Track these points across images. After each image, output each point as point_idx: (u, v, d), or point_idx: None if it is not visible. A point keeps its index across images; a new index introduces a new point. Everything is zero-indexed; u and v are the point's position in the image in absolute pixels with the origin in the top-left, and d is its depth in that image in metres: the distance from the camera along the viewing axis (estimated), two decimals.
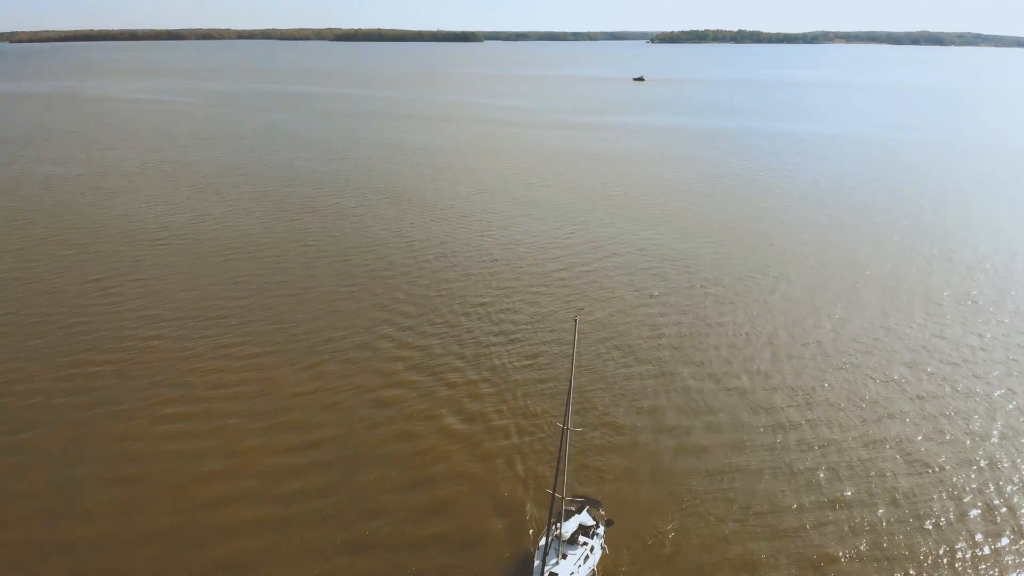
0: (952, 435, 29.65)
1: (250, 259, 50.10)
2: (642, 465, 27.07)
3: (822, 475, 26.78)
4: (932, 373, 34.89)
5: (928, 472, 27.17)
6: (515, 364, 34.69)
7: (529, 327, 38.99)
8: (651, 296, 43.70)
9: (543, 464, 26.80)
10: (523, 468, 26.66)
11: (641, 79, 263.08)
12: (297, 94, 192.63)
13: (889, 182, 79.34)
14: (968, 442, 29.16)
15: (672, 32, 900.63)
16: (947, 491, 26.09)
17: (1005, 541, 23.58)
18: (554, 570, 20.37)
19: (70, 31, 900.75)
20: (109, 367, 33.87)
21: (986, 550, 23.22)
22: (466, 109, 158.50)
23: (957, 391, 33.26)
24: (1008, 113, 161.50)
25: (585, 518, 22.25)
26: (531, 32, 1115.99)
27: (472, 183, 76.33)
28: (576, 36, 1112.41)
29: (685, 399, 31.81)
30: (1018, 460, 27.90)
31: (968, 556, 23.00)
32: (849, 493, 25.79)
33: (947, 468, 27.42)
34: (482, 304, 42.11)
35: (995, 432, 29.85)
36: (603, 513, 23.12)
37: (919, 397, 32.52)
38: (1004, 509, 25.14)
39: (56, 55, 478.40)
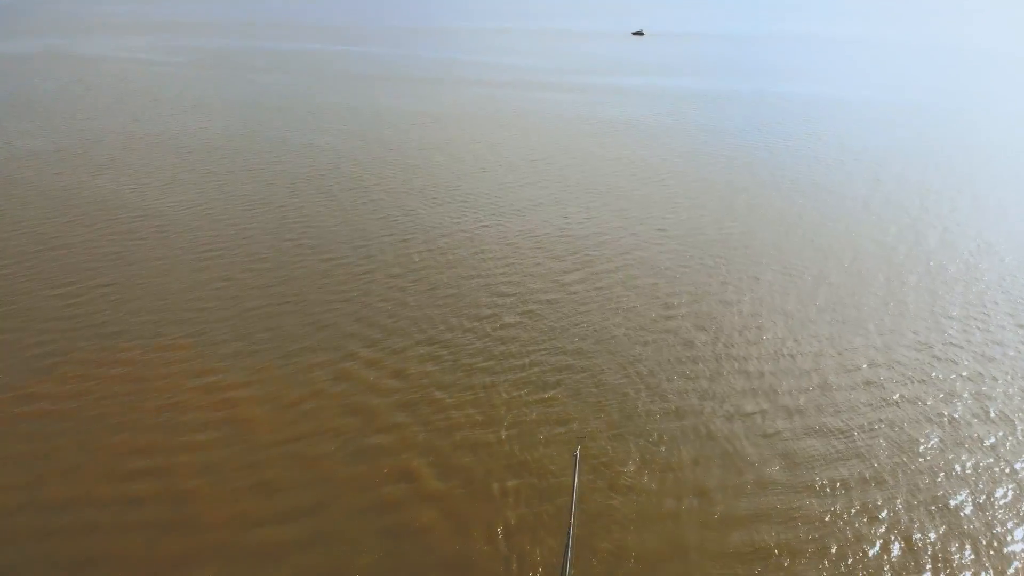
0: None
1: (232, 258, 46.06)
2: (665, 538, 23.69)
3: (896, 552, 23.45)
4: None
5: None
6: (521, 399, 30.67)
7: (536, 349, 34.88)
8: (672, 307, 39.87)
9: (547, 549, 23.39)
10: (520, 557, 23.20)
11: (640, 33, 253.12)
12: (289, 52, 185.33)
13: (936, 156, 74.39)
14: None
15: None
16: None
17: None
18: None
19: None
20: (64, 404, 30.19)
21: None
22: (464, 68, 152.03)
23: None
24: None
25: None
26: None
27: (473, 160, 71.69)
28: None
29: (718, 448, 28.09)
30: None
31: None
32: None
33: None
34: (480, 318, 38.02)
35: None
36: None
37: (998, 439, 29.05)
38: None
39: (46, 8, 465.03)
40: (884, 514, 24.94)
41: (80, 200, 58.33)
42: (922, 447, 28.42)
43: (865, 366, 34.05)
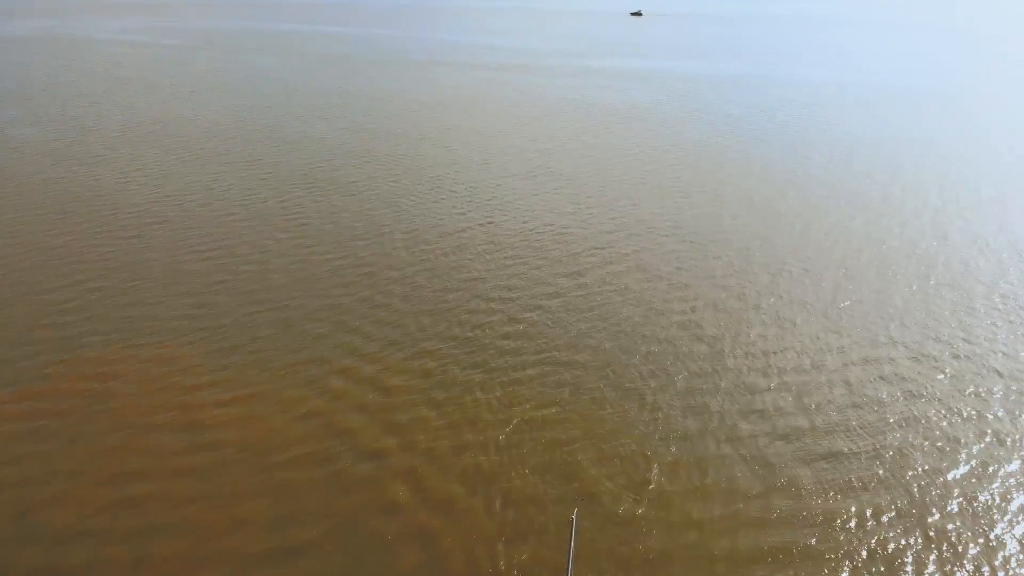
0: None
1: (224, 260, 44.29)
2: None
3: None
4: None
5: None
6: (521, 417, 28.95)
7: (537, 360, 33.06)
8: (687, 312, 38.12)
9: None
10: None
11: (639, 14, 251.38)
12: (285, 33, 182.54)
13: (952, 146, 72.42)
14: None
15: None
16: None
17: None
18: None
19: None
20: (52, 422, 28.69)
21: None
22: (462, 51, 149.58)
23: None
24: None
25: None
26: None
27: (475, 152, 69.81)
28: None
29: (740, 471, 26.57)
30: None
31: None
32: None
33: None
34: (480, 326, 36.21)
35: None
36: None
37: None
38: None
39: None
40: (914, 539, 23.50)
41: (74, 194, 56.44)
42: (954, 468, 26.95)
43: (892, 375, 32.51)
